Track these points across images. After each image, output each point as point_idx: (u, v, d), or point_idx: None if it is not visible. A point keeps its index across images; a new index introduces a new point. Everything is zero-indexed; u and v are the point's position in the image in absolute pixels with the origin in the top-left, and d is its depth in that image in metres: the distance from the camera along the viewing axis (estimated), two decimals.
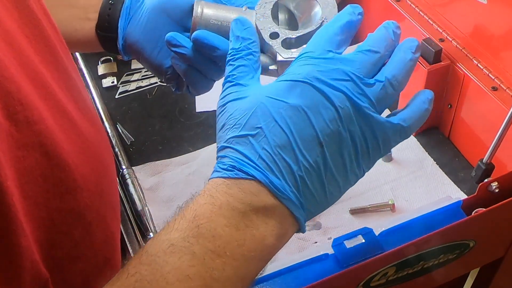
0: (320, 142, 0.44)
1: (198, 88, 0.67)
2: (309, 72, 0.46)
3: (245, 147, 0.45)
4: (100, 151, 0.56)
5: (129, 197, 0.81)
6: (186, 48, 0.61)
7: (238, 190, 0.44)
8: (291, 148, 0.44)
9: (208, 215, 0.43)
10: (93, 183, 0.51)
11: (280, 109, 0.45)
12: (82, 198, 0.49)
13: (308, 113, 0.45)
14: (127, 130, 0.92)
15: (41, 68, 0.47)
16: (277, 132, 0.44)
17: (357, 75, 0.46)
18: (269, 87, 0.47)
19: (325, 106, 0.45)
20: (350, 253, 0.55)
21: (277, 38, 0.57)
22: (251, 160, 0.44)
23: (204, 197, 0.45)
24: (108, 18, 0.67)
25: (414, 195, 0.80)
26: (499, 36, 0.77)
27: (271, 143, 0.44)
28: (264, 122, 0.45)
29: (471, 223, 0.58)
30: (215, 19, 0.60)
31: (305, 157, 0.44)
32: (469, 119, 0.82)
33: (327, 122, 0.45)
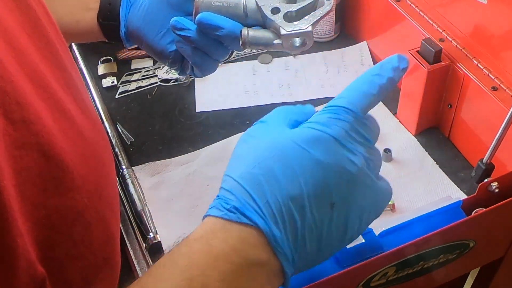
0: (332, 203, 0.43)
1: (204, 69, 0.67)
2: (340, 129, 0.44)
3: (254, 187, 0.42)
4: (100, 151, 0.56)
5: (129, 197, 0.81)
6: (191, 30, 0.62)
7: (237, 240, 0.42)
8: (302, 202, 0.42)
9: (202, 267, 0.41)
10: (92, 183, 0.51)
11: (303, 159, 0.43)
12: (81, 198, 0.49)
13: (328, 170, 0.43)
14: (127, 130, 0.92)
15: (42, 66, 0.47)
16: (293, 181, 0.42)
17: (372, 143, 0.46)
18: (296, 132, 0.45)
19: (345, 167, 0.43)
20: (350, 253, 0.55)
21: (278, 12, 0.58)
22: (257, 204, 0.42)
23: (201, 242, 0.42)
24: (109, 7, 0.68)
25: (414, 195, 0.80)
26: (499, 36, 0.77)
27: (283, 191, 0.42)
28: (281, 167, 0.42)
29: (471, 223, 0.58)
30: (216, 1, 0.61)
31: (313, 215, 0.42)
32: (469, 119, 0.82)
33: (344, 183, 0.43)
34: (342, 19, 1.06)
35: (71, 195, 0.47)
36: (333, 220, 0.43)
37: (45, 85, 0.46)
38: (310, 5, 0.59)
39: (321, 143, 0.43)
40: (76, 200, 0.48)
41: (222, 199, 0.44)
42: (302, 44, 0.60)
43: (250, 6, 0.62)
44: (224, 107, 0.95)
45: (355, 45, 1.04)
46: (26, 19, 0.47)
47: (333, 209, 0.43)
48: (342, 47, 1.04)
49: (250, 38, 0.61)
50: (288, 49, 0.61)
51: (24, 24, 0.47)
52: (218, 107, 0.95)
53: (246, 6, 0.62)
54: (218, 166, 0.85)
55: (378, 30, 0.99)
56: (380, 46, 1.00)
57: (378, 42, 1.01)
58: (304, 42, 0.60)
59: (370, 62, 1.00)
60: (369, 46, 1.03)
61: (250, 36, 0.61)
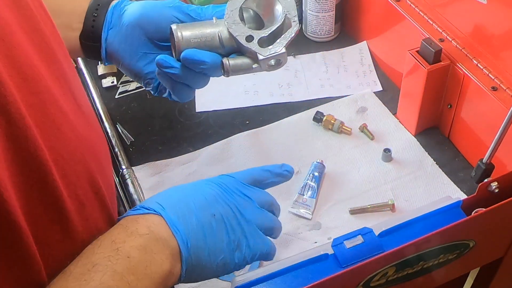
0: (213, 213, 0.58)
1: (183, 97, 0.74)
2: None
3: (165, 201, 0.58)
4: (95, 147, 0.56)
5: (129, 197, 0.81)
6: (176, 68, 0.69)
7: (143, 221, 0.55)
8: (191, 207, 0.58)
9: (123, 239, 0.52)
10: (87, 179, 0.51)
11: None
12: (76, 195, 0.49)
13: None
14: (127, 130, 0.92)
15: (36, 62, 0.47)
16: (191, 199, 0.60)
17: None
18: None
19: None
20: (350, 253, 0.55)
21: (252, 40, 0.66)
22: (161, 205, 0.57)
23: (117, 228, 0.54)
24: (92, 29, 0.73)
25: (414, 195, 0.80)
26: (499, 36, 0.77)
27: (185, 205, 0.58)
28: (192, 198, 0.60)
29: (471, 223, 0.58)
30: (194, 38, 0.68)
31: (198, 216, 0.57)
32: (469, 119, 0.82)
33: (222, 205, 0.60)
34: (342, 19, 1.06)
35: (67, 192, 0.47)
36: (213, 228, 0.57)
37: (38, 80, 0.46)
38: (279, 28, 0.67)
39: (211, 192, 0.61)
40: (70, 197, 0.48)
41: (133, 209, 0.57)
42: (277, 63, 0.69)
43: (224, 36, 0.68)
44: (224, 107, 0.95)
45: (355, 45, 1.04)
46: (22, 15, 0.47)
47: (214, 218, 0.58)
48: (342, 47, 1.04)
49: (232, 67, 0.68)
50: (266, 70, 0.68)
51: (20, 20, 0.47)
52: (218, 107, 0.95)
53: (221, 37, 0.68)
54: (218, 166, 0.85)
55: (378, 30, 0.99)
56: (380, 46, 1.00)
57: (378, 42, 1.01)
58: (279, 62, 0.68)
59: (370, 62, 1.00)
60: (369, 46, 1.03)
61: (232, 65, 0.68)
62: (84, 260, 0.49)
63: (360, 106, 0.93)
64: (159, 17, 0.72)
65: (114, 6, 0.74)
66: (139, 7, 0.73)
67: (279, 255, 0.74)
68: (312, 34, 1.05)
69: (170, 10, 0.72)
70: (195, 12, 0.72)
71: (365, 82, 0.97)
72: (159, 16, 0.72)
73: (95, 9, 0.73)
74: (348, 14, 1.05)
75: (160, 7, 0.72)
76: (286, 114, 0.92)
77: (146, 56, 0.73)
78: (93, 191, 0.52)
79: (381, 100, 0.94)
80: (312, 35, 1.05)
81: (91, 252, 0.50)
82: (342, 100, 0.94)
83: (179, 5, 0.73)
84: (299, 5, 1.05)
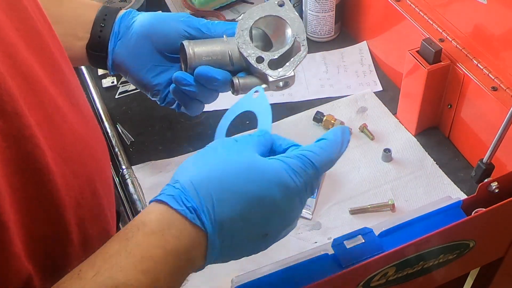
0: (265, 234, 0.51)
1: (194, 111, 0.75)
2: (305, 184, 0.51)
3: (208, 200, 0.48)
4: (93, 147, 0.56)
5: (129, 197, 0.81)
6: (193, 85, 0.70)
7: (188, 241, 0.47)
8: (236, 225, 0.49)
9: (156, 261, 0.46)
10: (85, 179, 0.51)
11: (265, 197, 0.49)
12: (74, 195, 0.48)
13: (278, 213, 0.51)
14: (127, 130, 0.92)
15: (32, 62, 0.47)
16: (241, 207, 0.49)
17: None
18: (270, 167, 0.50)
19: (292, 217, 0.53)
20: (350, 253, 0.55)
21: (263, 61, 0.68)
22: (210, 213, 0.48)
23: (157, 236, 0.46)
24: (99, 39, 0.73)
25: (414, 195, 0.80)
26: (499, 36, 0.77)
27: (230, 212, 0.49)
28: (236, 193, 0.49)
29: (471, 223, 0.58)
30: (205, 55, 0.70)
31: (243, 240, 0.50)
32: (469, 119, 0.82)
33: (282, 227, 0.53)
34: (342, 19, 1.06)
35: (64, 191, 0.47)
36: (261, 247, 0.52)
37: (34, 81, 0.46)
38: (288, 51, 0.69)
39: (287, 190, 0.50)
40: (68, 196, 0.47)
41: (181, 193, 0.48)
42: (285, 85, 0.71)
43: (235, 55, 0.70)
44: (224, 107, 0.94)
45: (355, 45, 1.04)
46: (17, 15, 0.47)
47: (264, 239, 0.51)
48: (342, 47, 1.04)
49: (242, 86, 0.70)
50: (273, 90, 0.70)
51: (13, 19, 0.47)
52: (218, 107, 0.95)
53: (231, 55, 0.70)
54: None
55: (378, 30, 0.99)
56: (380, 46, 1.00)
57: (378, 42, 1.01)
58: (287, 83, 0.71)
59: (370, 62, 1.00)
60: (369, 46, 1.03)
61: (241, 84, 0.70)
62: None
63: (360, 106, 0.93)
64: (169, 30, 0.71)
65: (122, 16, 0.73)
66: (149, 18, 0.72)
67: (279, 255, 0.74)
68: (312, 34, 1.05)
69: (181, 24, 0.72)
70: (206, 27, 0.72)
71: (365, 82, 0.97)
72: (169, 29, 0.71)
73: (103, 19, 0.73)
74: (348, 14, 1.05)
75: (171, 20, 0.72)
76: (286, 114, 0.92)
77: (154, 68, 0.73)
78: (90, 192, 0.52)
79: (381, 100, 0.94)
80: (312, 35, 1.05)
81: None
82: (342, 100, 0.94)
83: (190, 19, 0.72)
84: (299, 5, 1.05)
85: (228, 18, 1.10)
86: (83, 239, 0.51)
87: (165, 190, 0.50)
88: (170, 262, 0.46)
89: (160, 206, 0.48)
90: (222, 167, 0.50)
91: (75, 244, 0.50)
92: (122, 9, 0.75)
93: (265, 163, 0.50)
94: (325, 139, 0.54)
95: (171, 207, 0.48)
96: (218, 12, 1.12)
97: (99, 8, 0.74)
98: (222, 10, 1.14)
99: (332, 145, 0.54)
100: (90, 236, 0.52)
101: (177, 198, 0.48)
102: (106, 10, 0.74)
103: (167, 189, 0.50)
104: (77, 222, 0.49)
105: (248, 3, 1.16)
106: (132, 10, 0.74)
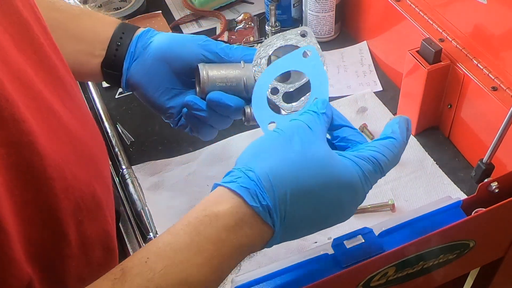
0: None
1: (206, 137, 0.74)
2: (371, 186, 0.53)
3: (282, 198, 0.49)
4: (92, 150, 0.55)
5: (129, 197, 0.81)
6: (204, 111, 0.68)
7: (258, 238, 0.49)
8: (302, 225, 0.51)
9: (228, 257, 0.48)
10: (84, 182, 0.51)
11: (333, 199, 0.51)
12: (74, 197, 0.48)
13: (341, 214, 0.53)
14: (127, 130, 0.92)
15: (25, 67, 0.46)
16: (306, 205, 0.50)
17: None
18: (342, 168, 0.51)
19: (351, 211, 0.54)
20: (350, 253, 0.55)
21: (277, 93, 0.63)
22: (281, 213, 0.49)
23: (231, 233, 0.48)
24: (114, 58, 0.71)
25: (414, 195, 0.80)
26: (499, 36, 0.77)
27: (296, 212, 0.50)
28: (310, 192, 0.50)
29: (471, 223, 0.58)
30: (219, 80, 0.68)
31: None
32: (469, 119, 0.82)
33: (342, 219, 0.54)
34: (342, 19, 1.06)
35: (63, 195, 0.47)
36: (315, 232, 0.53)
37: (29, 85, 0.46)
38: (305, 85, 0.64)
39: (357, 196, 0.52)
40: (68, 199, 0.47)
41: (257, 187, 0.48)
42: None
43: (250, 83, 0.67)
44: None
45: (355, 45, 1.04)
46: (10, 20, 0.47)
47: (319, 230, 0.53)
48: (342, 47, 1.04)
49: (253, 116, 0.65)
50: None
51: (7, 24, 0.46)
52: None
53: (246, 83, 0.68)
54: (218, 166, 0.85)
55: (378, 30, 0.99)
56: (380, 46, 1.00)
57: (378, 42, 1.01)
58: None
59: (370, 62, 1.00)
60: (369, 46, 1.03)
61: (253, 114, 0.65)
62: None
63: (360, 106, 0.93)
64: (186, 54, 0.70)
65: (139, 35, 0.72)
66: (166, 41, 0.71)
67: (279, 255, 0.74)
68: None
69: (199, 48, 0.70)
70: (224, 51, 0.70)
71: (365, 82, 0.97)
72: (186, 53, 0.70)
73: (119, 37, 0.71)
74: (348, 14, 1.05)
75: (189, 43, 0.71)
76: None
77: (169, 90, 0.71)
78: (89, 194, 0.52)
79: (381, 100, 0.94)
80: None
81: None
82: (342, 100, 0.94)
83: (208, 43, 0.71)
84: (299, 5, 1.06)
85: (228, 18, 1.11)
86: (82, 240, 0.51)
87: (239, 178, 0.49)
88: (236, 257, 0.48)
89: (234, 198, 0.48)
90: (299, 163, 0.50)
91: (73, 246, 0.50)
92: (140, 28, 0.73)
93: (341, 165, 0.51)
94: (394, 139, 0.54)
95: (246, 201, 0.48)
96: (218, 12, 1.13)
97: (117, 25, 0.72)
98: (222, 10, 1.14)
99: (401, 146, 0.54)
100: (88, 238, 0.52)
101: (253, 193, 0.48)
102: (124, 28, 0.72)
103: (241, 177, 0.49)
104: (76, 224, 0.49)
105: (248, 3, 1.16)
106: (150, 29, 0.73)
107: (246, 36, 1.07)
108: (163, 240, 0.48)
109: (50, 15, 0.65)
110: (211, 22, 1.12)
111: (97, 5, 1.10)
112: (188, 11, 1.13)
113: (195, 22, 1.13)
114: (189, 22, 1.13)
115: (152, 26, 1.06)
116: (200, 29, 1.11)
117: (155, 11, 1.11)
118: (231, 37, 1.08)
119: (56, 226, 0.47)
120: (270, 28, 1.05)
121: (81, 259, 0.51)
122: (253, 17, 1.11)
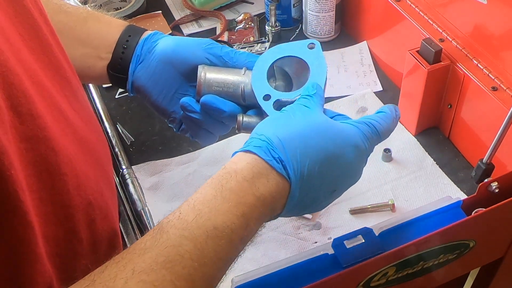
0: (334, 190, 0.58)
1: (204, 141, 0.74)
2: (372, 148, 0.61)
3: (292, 152, 0.54)
4: (96, 151, 0.56)
5: (129, 197, 0.81)
6: (198, 113, 0.68)
7: (275, 189, 0.53)
8: (314, 183, 0.55)
9: (249, 206, 0.51)
10: (94, 181, 0.52)
11: (339, 157, 0.56)
12: (86, 195, 0.49)
13: (348, 170, 0.58)
14: (127, 130, 0.92)
15: (35, 66, 0.47)
16: (312, 159, 0.54)
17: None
18: (346, 131, 0.57)
19: (358, 172, 0.60)
20: (350, 253, 0.55)
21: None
22: (294, 165, 0.53)
23: (249, 184, 0.52)
24: (120, 61, 0.71)
25: (414, 195, 0.80)
26: (499, 36, 0.77)
27: (308, 164, 0.54)
28: (315, 147, 0.55)
29: (471, 223, 0.58)
30: (216, 84, 0.67)
31: (317, 195, 0.56)
32: (469, 119, 0.82)
33: (349, 183, 0.59)
34: (342, 19, 1.06)
35: (76, 192, 0.47)
36: (328, 202, 0.58)
37: (41, 84, 0.46)
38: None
39: (359, 151, 0.57)
40: (80, 196, 0.48)
41: (268, 144, 0.53)
42: None
43: (247, 90, 0.66)
44: None
45: (355, 45, 1.04)
46: (21, 19, 0.47)
47: (332, 194, 0.57)
48: (342, 47, 1.04)
49: (244, 125, 0.65)
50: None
51: (18, 24, 0.47)
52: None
53: (243, 89, 0.66)
54: (218, 166, 0.85)
55: (378, 30, 0.99)
56: (380, 46, 1.00)
57: (378, 42, 1.01)
58: None
59: (370, 62, 1.00)
60: (369, 46, 1.03)
61: (244, 122, 0.65)
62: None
63: (360, 106, 0.93)
64: (191, 57, 0.69)
65: (145, 39, 0.71)
66: (171, 44, 0.70)
67: (279, 255, 0.74)
68: (312, 34, 1.05)
69: (203, 51, 0.69)
70: (228, 55, 0.69)
71: (365, 82, 0.97)
72: (191, 56, 0.69)
73: (126, 40, 0.71)
74: (348, 14, 1.05)
75: (194, 47, 0.70)
76: None
77: (173, 94, 0.71)
78: (98, 192, 0.53)
79: (381, 100, 0.94)
80: (312, 35, 1.05)
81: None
82: (342, 100, 0.94)
83: (212, 46, 0.70)
84: (299, 5, 1.06)
85: (228, 18, 1.11)
86: (92, 238, 0.51)
87: (252, 142, 0.55)
88: (259, 207, 0.51)
89: (249, 155, 0.53)
90: (304, 126, 0.55)
91: (85, 243, 0.50)
92: (147, 30, 0.73)
93: (340, 126, 0.57)
94: (384, 112, 0.61)
95: (260, 157, 0.53)
96: (218, 12, 1.12)
97: (124, 28, 0.72)
98: (222, 10, 1.14)
99: (390, 117, 0.61)
100: (99, 236, 0.52)
101: (265, 149, 0.53)
102: (131, 31, 0.72)
103: (253, 141, 0.54)
104: (88, 222, 0.50)
105: (248, 3, 1.16)
106: (156, 32, 0.72)
107: (246, 36, 1.07)
108: (192, 198, 0.51)
109: (57, 18, 0.66)
110: (211, 22, 1.12)
111: (97, 5, 1.10)
112: (188, 11, 1.13)
113: (195, 22, 1.13)
114: (189, 22, 1.13)
115: (152, 26, 1.06)
116: (200, 29, 1.11)
117: (155, 11, 1.11)
118: (231, 37, 1.07)
119: (70, 223, 0.47)
120: (270, 28, 1.05)
121: (90, 257, 0.51)
122: (253, 17, 1.11)
